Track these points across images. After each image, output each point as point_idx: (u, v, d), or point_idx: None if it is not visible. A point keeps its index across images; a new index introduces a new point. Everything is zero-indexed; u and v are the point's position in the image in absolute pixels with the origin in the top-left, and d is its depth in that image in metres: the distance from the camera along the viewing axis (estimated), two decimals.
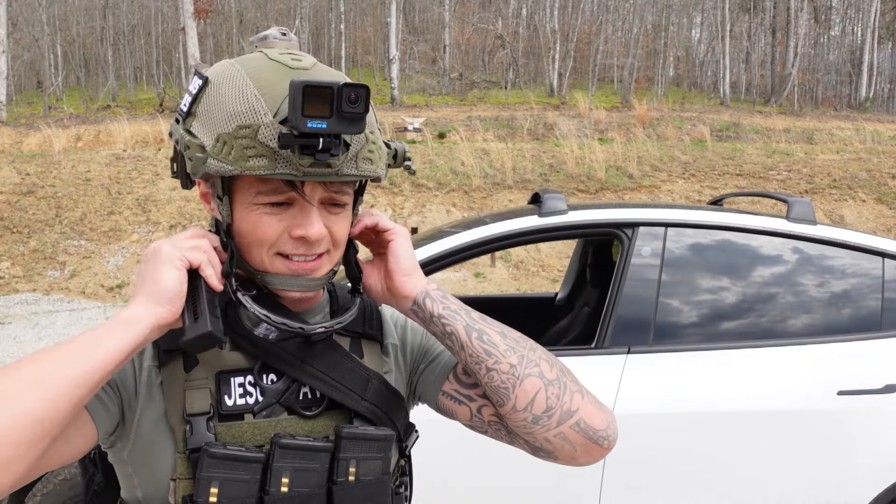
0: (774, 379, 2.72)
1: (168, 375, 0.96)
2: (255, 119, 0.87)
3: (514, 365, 0.98)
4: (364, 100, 0.85)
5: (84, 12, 28.40)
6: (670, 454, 2.69)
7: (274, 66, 0.91)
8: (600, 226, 2.91)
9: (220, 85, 0.91)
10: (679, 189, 11.82)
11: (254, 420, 0.96)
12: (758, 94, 26.76)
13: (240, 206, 0.93)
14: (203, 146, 0.90)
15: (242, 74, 0.91)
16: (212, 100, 0.91)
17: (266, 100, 0.88)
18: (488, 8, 30.35)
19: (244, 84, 0.89)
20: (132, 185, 11.33)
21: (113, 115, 16.99)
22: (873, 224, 11.17)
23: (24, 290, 9.23)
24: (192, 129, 0.92)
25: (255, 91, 0.89)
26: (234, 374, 0.97)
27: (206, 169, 0.89)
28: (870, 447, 2.69)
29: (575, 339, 3.48)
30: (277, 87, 0.89)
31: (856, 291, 2.86)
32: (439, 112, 17.70)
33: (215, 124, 0.89)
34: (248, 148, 0.87)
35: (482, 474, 2.67)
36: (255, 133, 0.87)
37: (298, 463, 0.93)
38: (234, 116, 0.88)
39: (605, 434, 1.01)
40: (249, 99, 0.88)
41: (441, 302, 1.01)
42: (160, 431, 0.95)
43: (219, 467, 0.90)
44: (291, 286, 0.96)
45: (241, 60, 0.94)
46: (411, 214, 10.98)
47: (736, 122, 16.75)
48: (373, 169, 0.94)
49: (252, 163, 0.87)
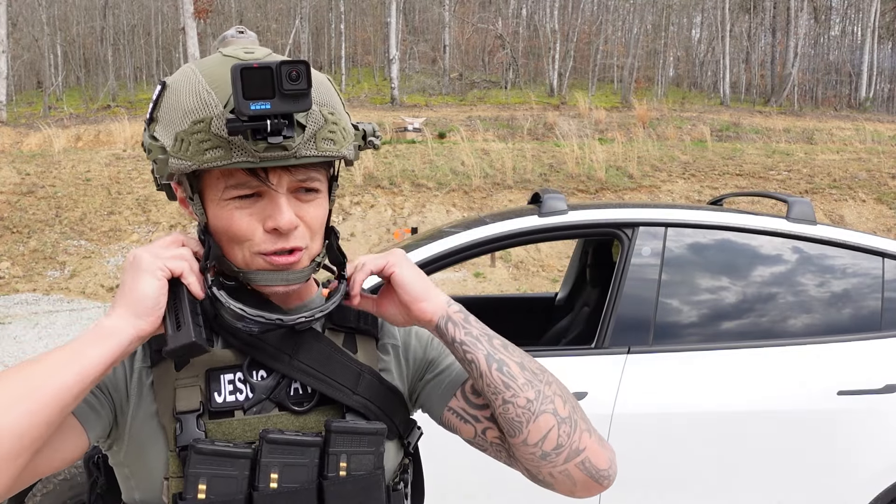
0: (774, 379, 2.72)
1: (159, 375, 0.96)
2: (207, 112, 0.88)
3: (531, 400, 0.97)
4: (305, 76, 0.84)
5: (84, 12, 28.40)
6: (670, 454, 2.69)
7: (226, 61, 0.91)
8: (600, 226, 2.92)
9: (176, 87, 0.92)
10: (679, 189, 11.82)
11: (244, 417, 0.96)
12: (758, 94, 26.76)
13: (211, 203, 0.93)
14: (164, 147, 0.90)
15: (196, 73, 0.92)
16: (170, 102, 0.92)
17: (217, 92, 0.88)
18: (488, 8, 30.35)
19: (196, 81, 0.90)
20: (132, 185, 11.34)
21: (113, 115, 17.00)
22: (873, 224, 11.17)
23: (24, 290, 9.23)
24: (155, 134, 0.93)
25: (207, 86, 0.89)
26: (224, 371, 0.97)
27: (168, 169, 0.90)
28: (870, 447, 2.69)
29: (575, 339, 3.48)
30: (228, 79, 0.88)
31: (856, 291, 2.86)
32: (439, 112, 17.70)
33: (173, 124, 0.90)
34: (203, 142, 0.87)
35: (482, 473, 2.67)
36: (209, 126, 0.87)
37: (287, 458, 0.92)
38: (188, 113, 0.89)
39: (607, 474, 1.01)
40: (201, 94, 0.89)
41: (463, 326, 1.00)
42: (152, 431, 0.95)
43: (206, 464, 0.89)
44: (274, 281, 0.95)
45: (198, 62, 0.95)
46: (411, 214, 10.98)
47: (736, 122, 16.75)
48: (335, 149, 0.93)
49: (208, 155, 0.87)
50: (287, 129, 0.86)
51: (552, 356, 2.83)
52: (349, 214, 10.90)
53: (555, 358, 2.81)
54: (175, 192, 1.00)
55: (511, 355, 1.00)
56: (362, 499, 0.96)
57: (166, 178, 0.93)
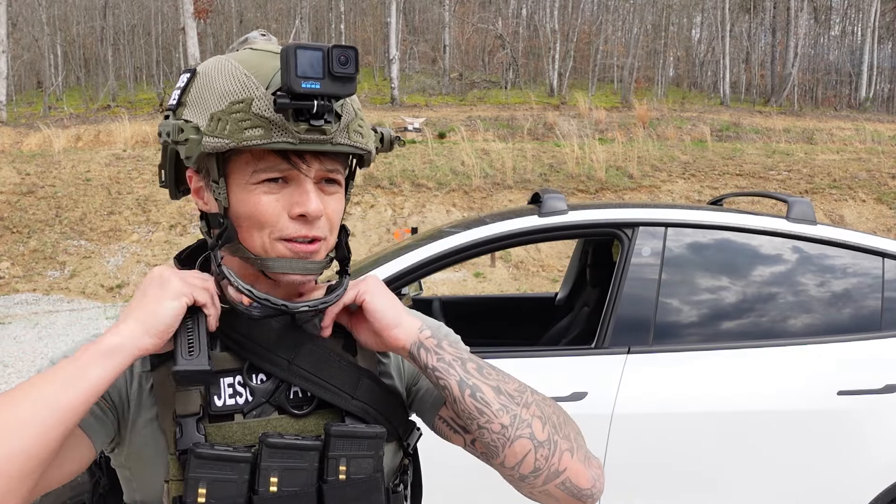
0: (774, 379, 2.72)
1: (159, 379, 0.95)
2: (248, 93, 0.89)
3: (506, 426, 0.96)
4: (354, 61, 0.87)
5: (84, 12, 28.39)
6: (670, 454, 2.69)
7: (259, 53, 0.94)
8: (600, 226, 2.92)
9: (208, 72, 0.94)
10: (679, 189, 11.82)
11: (244, 420, 0.96)
12: (758, 94, 26.75)
13: (236, 188, 0.93)
14: (197, 127, 0.91)
15: (230, 61, 0.93)
16: (201, 86, 0.93)
17: (256, 77, 0.90)
18: (488, 8, 30.34)
19: (233, 67, 0.92)
20: (132, 185, 11.34)
21: (113, 115, 16.99)
22: (873, 224, 11.17)
23: (24, 290, 9.23)
24: (186, 117, 0.93)
25: (245, 70, 0.91)
26: (224, 375, 0.97)
27: (201, 149, 0.90)
28: (870, 447, 2.69)
29: (575, 339, 3.48)
30: (265, 65, 0.91)
31: (856, 291, 2.86)
32: (439, 112, 17.70)
33: (207, 106, 0.91)
34: (242, 121, 0.88)
35: (481, 473, 2.67)
36: (249, 106, 0.88)
37: (287, 462, 0.92)
38: (226, 95, 0.90)
39: (591, 492, 1.00)
40: (240, 77, 0.90)
41: (435, 352, 0.99)
42: (152, 434, 0.95)
43: (206, 467, 0.89)
44: (293, 269, 0.95)
45: (226, 55, 0.97)
46: (411, 214, 10.98)
47: (736, 122, 16.74)
48: (364, 142, 0.95)
49: (248, 133, 0.88)
50: (328, 114, 0.88)
51: (552, 356, 2.83)
52: (349, 214, 10.90)
53: (555, 358, 2.81)
54: (188, 183, 1.00)
55: (486, 379, 0.99)
56: (362, 502, 0.96)
57: (196, 159, 0.92)
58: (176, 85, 0.97)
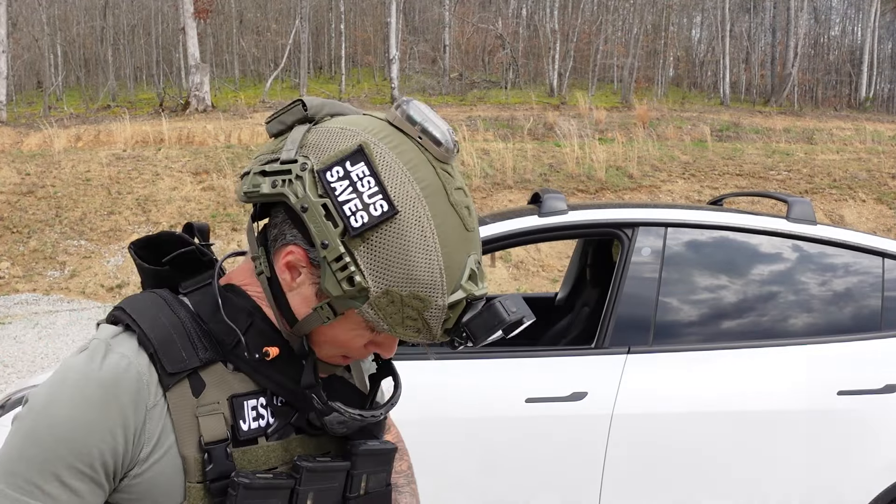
0: (774, 379, 2.72)
1: (176, 402, 0.90)
2: (432, 296, 0.87)
3: None
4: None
5: (84, 12, 28.39)
6: (670, 454, 2.69)
7: (455, 220, 0.88)
8: (600, 226, 2.92)
9: (406, 230, 0.85)
10: (679, 189, 11.82)
11: (266, 443, 0.95)
12: (758, 94, 26.75)
13: (345, 320, 0.92)
14: (367, 290, 0.86)
15: (429, 222, 0.86)
16: (394, 245, 0.85)
17: (447, 273, 0.87)
18: (488, 8, 30.34)
19: (433, 247, 0.86)
20: (132, 185, 11.33)
21: (113, 115, 17.00)
22: (873, 224, 11.17)
23: (24, 290, 9.23)
24: (357, 255, 0.85)
25: (442, 262, 0.86)
26: (247, 398, 0.95)
27: (355, 310, 0.88)
28: (870, 447, 2.69)
29: (575, 339, 3.48)
30: (457, 255, 0.88)
31: (856, 291, 2.86)
32: (439, 112, 17.63)
33: (391, 277, 0.86)
34: (409, 318, 0.88)
35: (482, 474, 2.67)
36: (424, 308, 0.87)
37: (321, 484, 0.95)
38: (413, 282, 0.86)
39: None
40: (434, 272, 0.86)
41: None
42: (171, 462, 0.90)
43: (254, 497, 0.89)
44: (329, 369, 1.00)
45: (414, 168, 0.87)
46: None
47: (736, 122, 16.74)
48: None
49: (404, 330, 0.89)
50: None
51: (552, 356, 2.83)
52: None
53: (555, 358, 2.81)
54: (288, 255, 0.91)
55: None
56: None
57: (340, 310, 0.89)
58: (350, 171, 0.85)
